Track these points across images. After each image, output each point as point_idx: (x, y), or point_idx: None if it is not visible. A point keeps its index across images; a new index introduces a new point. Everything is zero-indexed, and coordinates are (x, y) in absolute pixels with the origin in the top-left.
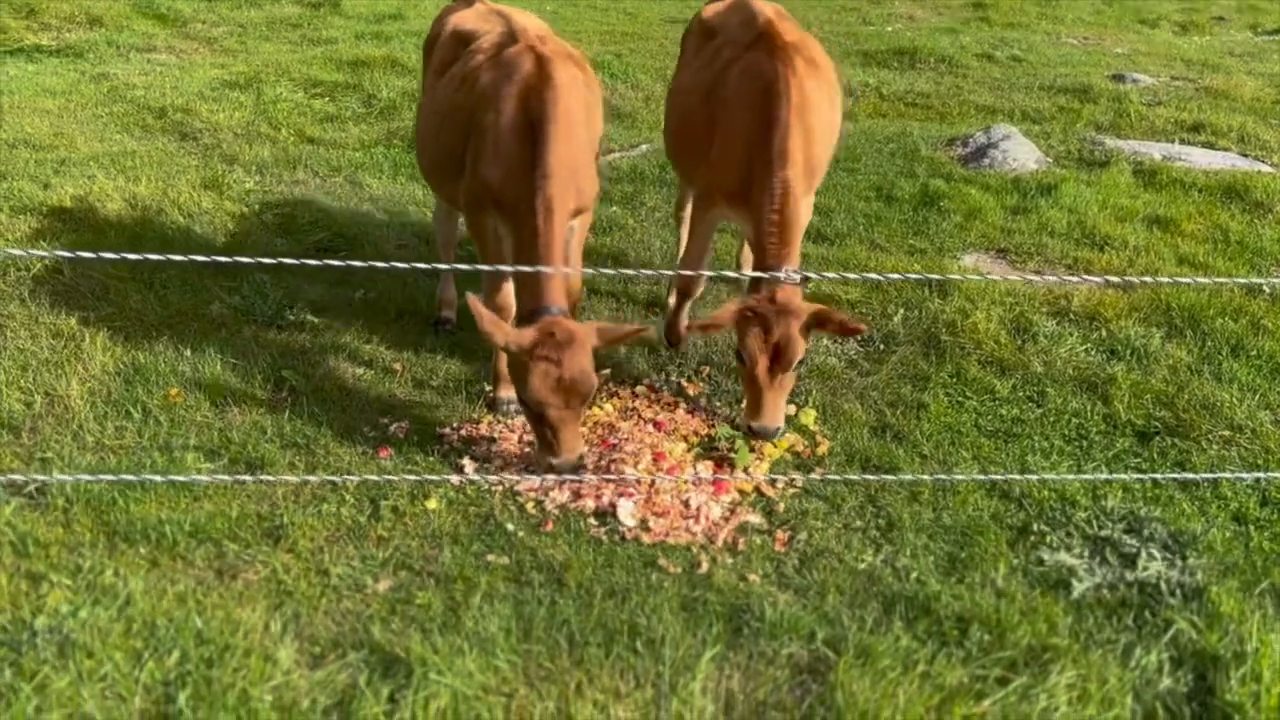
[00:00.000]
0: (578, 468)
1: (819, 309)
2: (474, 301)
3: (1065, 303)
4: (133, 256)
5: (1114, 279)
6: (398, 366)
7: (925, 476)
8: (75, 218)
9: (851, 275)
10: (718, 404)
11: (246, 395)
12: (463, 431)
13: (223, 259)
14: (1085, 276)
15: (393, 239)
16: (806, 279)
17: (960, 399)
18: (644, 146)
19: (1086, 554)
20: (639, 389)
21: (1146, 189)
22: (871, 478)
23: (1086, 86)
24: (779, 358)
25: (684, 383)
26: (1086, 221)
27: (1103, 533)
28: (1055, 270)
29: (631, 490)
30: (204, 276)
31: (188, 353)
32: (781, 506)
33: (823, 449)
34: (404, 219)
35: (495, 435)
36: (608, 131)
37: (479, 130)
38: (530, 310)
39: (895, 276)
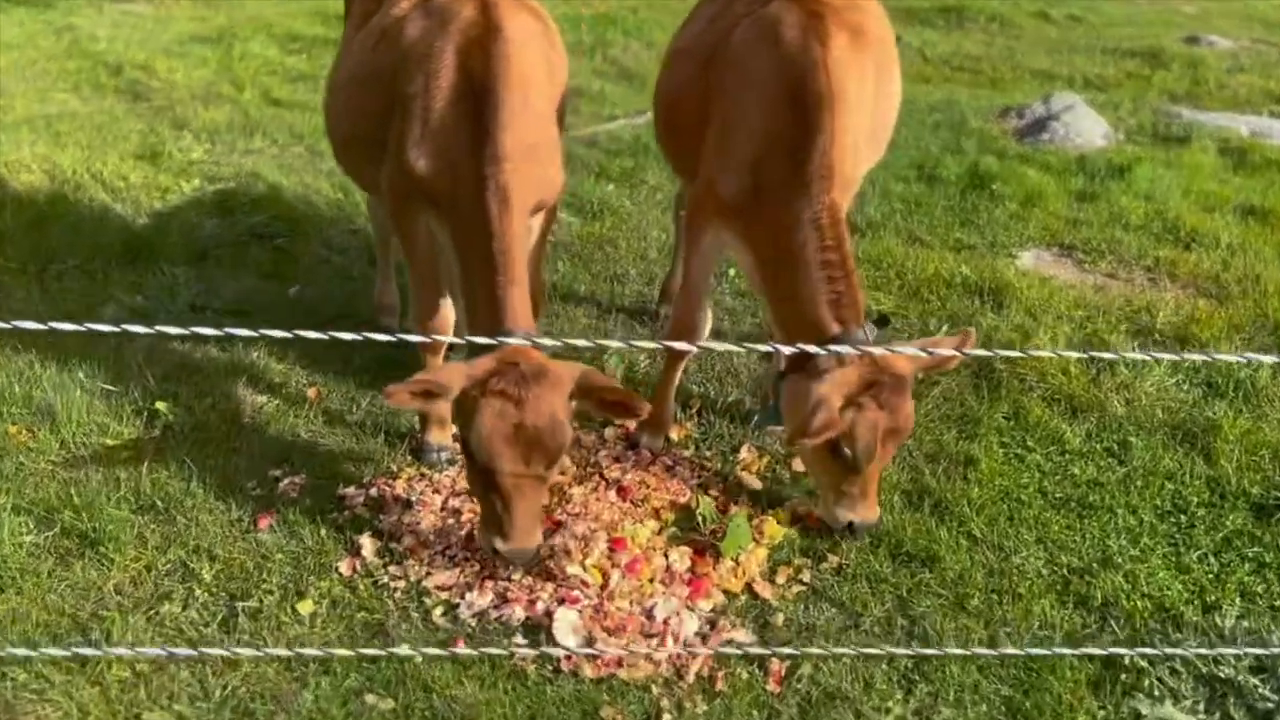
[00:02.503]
0: (532, 559)
1: (929, 364)
2: (396, 392)
3: (1148, 318)
4: None
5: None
6: (312, 392)
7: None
8: None
9: (924, 354)
10: (707, 454)
11: (110, 432)
12: (374, 490)
13: None
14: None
15: (344, 224)
16: (886, 321)
17: (1020, 451)
18: (651, 114)
19: (1202, 706)
20: (608, 431)
21: (1236, 171)
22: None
23: (1157, 50)
24: (895, 440)
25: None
26: (1167, 211)
27: (1222, 671)
28: (1132, 273)
29: (577, 593)
30: (108, 267)
31: (53, 371)
32: (780, 618)
33: None
34: (360, 198)
35: (413, 498)
36: (614, 94)
37: (404, 100)
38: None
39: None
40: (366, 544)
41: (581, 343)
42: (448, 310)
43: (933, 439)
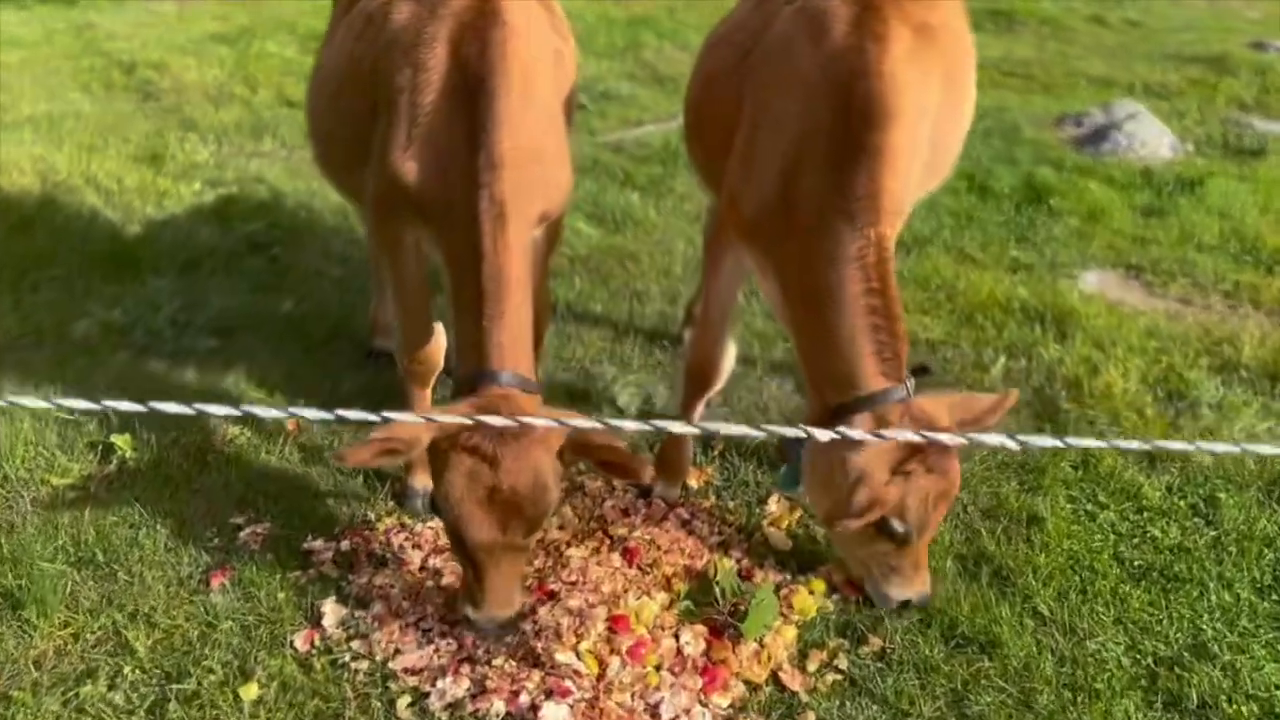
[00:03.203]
0: (508, 627)
1: (965, 413)
2: (350, 456)
3: (1231, 350)
4: None
5: None
6: (291, 424)
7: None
8: None
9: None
10: (730, 504)
11: (58, 468)
12: (345, 543)
13: None
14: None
15: (346, 233)
16: (925, 371)
17: (1091, 507)
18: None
19: None
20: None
21: None
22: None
23: (1221, 55)
24: (946, 504)
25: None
26: (1244, 230)
27: None
28: (1209, 299)
29: (568, 684)
30: (89, 277)
31: (6, 394)
32: (812, 717)
33: None
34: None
35: (389, 554)
36: (645, 98)
37: (390, 95)
38: (470, 377)
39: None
40: (329, 611)
41: (578, 422)
42: (439, 340)
43: (990, 491)
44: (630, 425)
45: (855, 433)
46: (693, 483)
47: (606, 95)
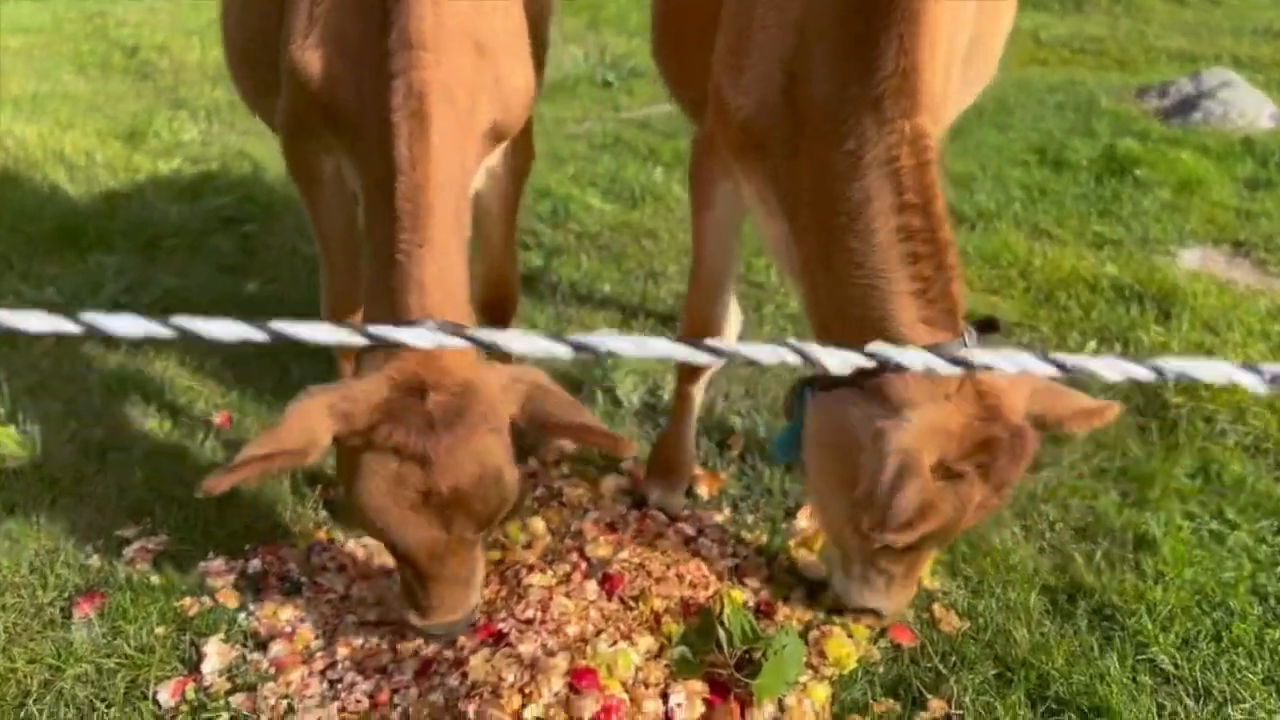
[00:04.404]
0: (461, 628)
1: (1046, 407)
2: (215, 485)
3: None
4: None
5: None
6: (220, 417)
7: None
8: None
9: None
10: (749, 519)
11: None
12: (254, 563)
13: None
14: None
15: None
16: (994, 326)
17: (1218, 526)
18: None
19: None
20: (607, 482)
21: None
22: None
23: None
24: (983, 515)
25: (695, 470)
26: None
27: None
28: None
29: None
30: (29, 255)
31: None
32: None
33: (949, 628)
34: None
35: (304, 578)
36: None
37: None
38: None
39: None
40: (212, 654)
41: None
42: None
43: (1083, 503)
44: (559, 348)
45: (960, 359)
46: (702, 491)
47: (635, 72)
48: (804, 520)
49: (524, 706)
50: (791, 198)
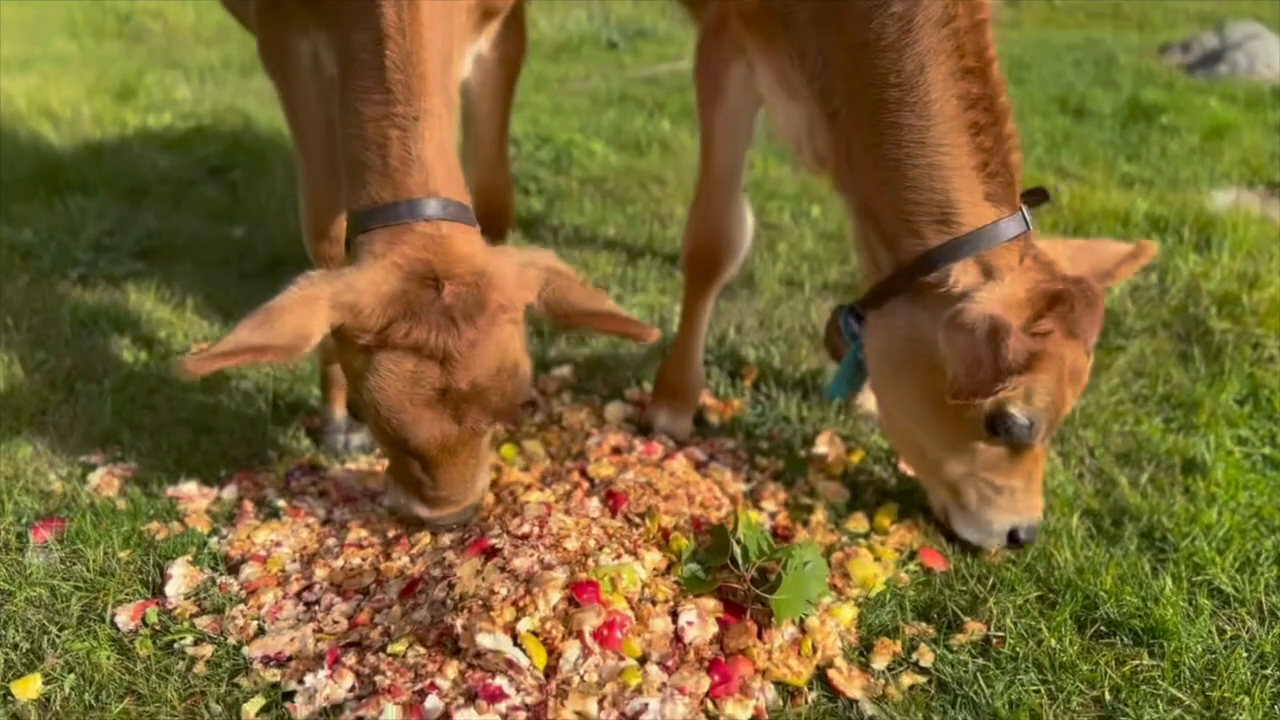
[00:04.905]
0: (469, 517)
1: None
2: (194, 363)
3: None
4: None
5: None
6: (198, 349)
7: None
8: None
9: None
10: (764, 445)
11: None
12: (228, 490)
13: None
14: None
15: None
16: (1044, 196)
17: (1271, 451)
18: None
19: None
20: (610, 409)
21: None
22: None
23: None
24: (1076, 390)
25: (704, 398)
26: None
27: None
28: None
29: (500, 682)
30: (14, 198)
31: None
32: None
33: (996, 559)
34: None
35: (284, 502)
36: (683, 37)
37: None
38: (371, 211)
39: None
40: (178, 576)
41: None
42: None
43: (1124, 429)
44: None
45: None
46: (713, 418)
47: (641, 34)
48: (823, 446)
49: (517, 620)
50: (821, 77)
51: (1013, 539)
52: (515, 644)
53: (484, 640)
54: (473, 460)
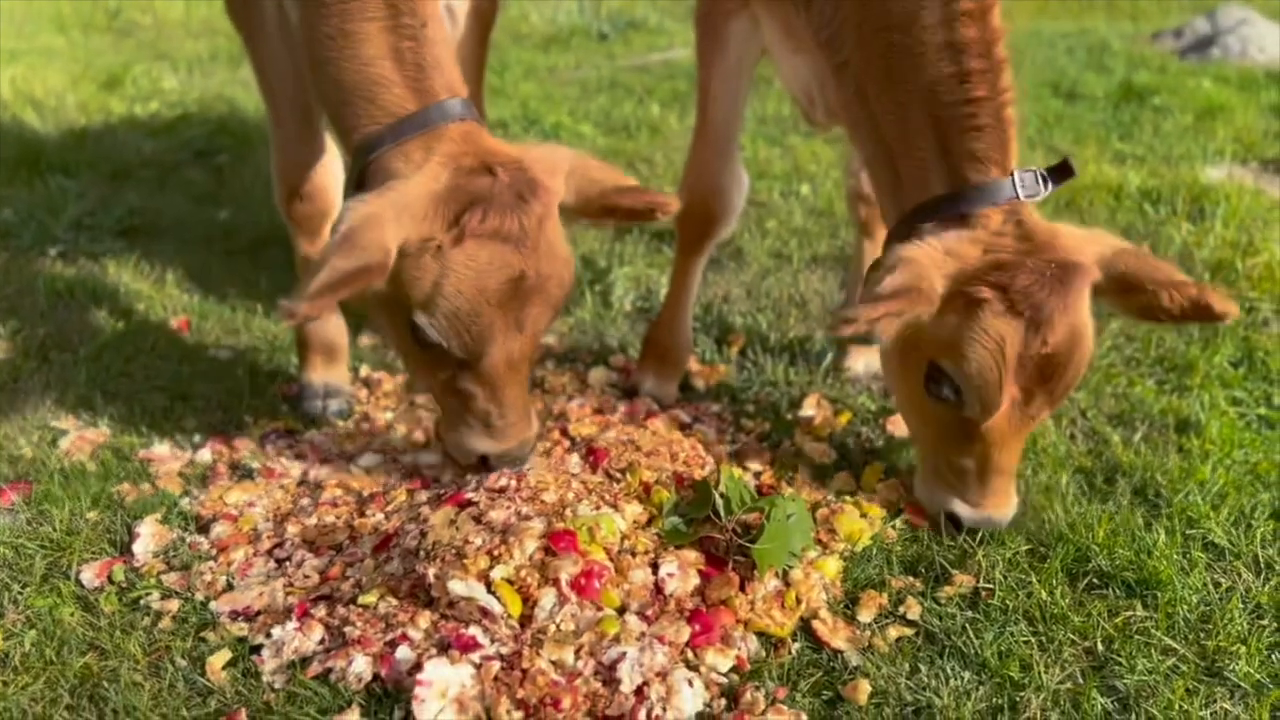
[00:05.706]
0: (529, 446)
1: (1132, 268)
2: (306, 309)
3: None
4: None
5: None
6: (178, 321)
7: None
8: None
9: None
10: (750, 408)
11: None
12: (203, 452)
13: None
14: None
15: None
16: (1069, 171)
17: (1266, 412)
18: None
19: None
20: (593, 375)
21: None
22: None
23: None
24: (1055, 380)
25: (690, 363)
26: None
27: None
28: None
29: (473, 631)
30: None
31: None
32: (865, 687)
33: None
34: None
35: (259, 463)
36: (673, 29)
37: None
38: (396, 126)
39: None
40: (146, 535)
41: None
42: (331, 166)
43: (1116, 391)
44: None
45: None
46: (699, 384)
47: (633, 24)
48: (810, 408)
49: (492, 568)
50: (830, 26)
51: (954, 522)
52: (489, 592)
53: (456, 587)
54: (528, 385)
